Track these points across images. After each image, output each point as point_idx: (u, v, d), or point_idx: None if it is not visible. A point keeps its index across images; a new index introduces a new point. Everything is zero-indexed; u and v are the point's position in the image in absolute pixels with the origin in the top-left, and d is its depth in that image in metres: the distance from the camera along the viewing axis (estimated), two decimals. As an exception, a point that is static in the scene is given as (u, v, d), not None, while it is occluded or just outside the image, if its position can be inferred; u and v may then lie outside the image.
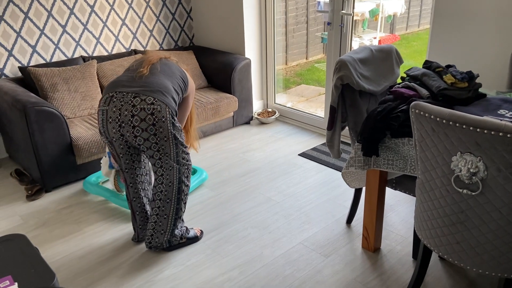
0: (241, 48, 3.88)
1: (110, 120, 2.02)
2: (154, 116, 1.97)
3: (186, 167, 2.16)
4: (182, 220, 2.26)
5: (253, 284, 2.04)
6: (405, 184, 2.09)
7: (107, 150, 2.72)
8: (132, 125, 1.97)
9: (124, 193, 2.68)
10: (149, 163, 2.27)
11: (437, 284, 1.99)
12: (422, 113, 1.47)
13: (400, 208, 2.60)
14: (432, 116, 1.43)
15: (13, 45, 3.29)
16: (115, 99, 2.00)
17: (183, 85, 2.22)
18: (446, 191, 1.50)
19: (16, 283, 1.10)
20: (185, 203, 2.21)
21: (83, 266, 2.18)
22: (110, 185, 2.80)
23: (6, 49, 3.26)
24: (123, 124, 1.99)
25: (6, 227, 2.53)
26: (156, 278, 2.09)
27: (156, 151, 2.05)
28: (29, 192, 2.83)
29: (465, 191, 1.44)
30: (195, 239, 2.33)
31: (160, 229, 2.19)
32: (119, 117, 1.99)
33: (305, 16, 5.80)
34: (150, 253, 2.26)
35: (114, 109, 2.00)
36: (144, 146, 2.03)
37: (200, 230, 2.40)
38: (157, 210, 2.16)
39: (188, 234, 2.31)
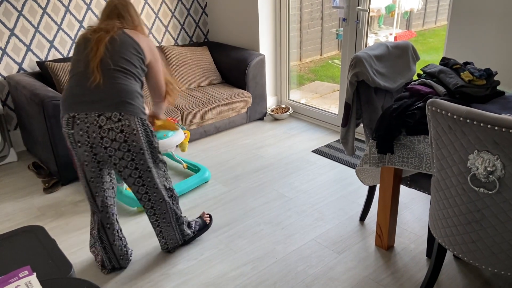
0: (256, 44, 3.88)
1: (79, 144, 1.86)
2: (124, 133, 1.84)
3: (164, 178, 2.07)
4: (185, 221, 2.24)
5: (266, 279, 2.05)
6: (420, 182, 2.07)
7: None
8: (103, 146, 1.85)
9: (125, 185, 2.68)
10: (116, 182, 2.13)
11: (451, 283, 1.98)
12: (438, 110, 1.45)
13: (414, 206, 2.58)
14: (449, 114, 1.42)
15: (31, 40, 3.34)
16: (78, 121, 1.82)
17: (141, 60, 1.97)
18: (462, 189, 1.48)
19: (35, 273, 1.13)
20: (178, 204, 2.17)
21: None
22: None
23: (24, 44, 3.32)
24: (94, 145, 1.85)
25: (24, 218, 2.58)
26: (170, 272, 2.11)
27: (134, 169, 1.93)
28: (46, 185, 2.88)
29: (481, 189, 1.43)
30: (206, 227, 2.36)
31: (169, 235, 2.19)
32: (88, 140, 1.84)
33: (320, 12, 5.77)
34: (164, 247, 2.29)
35: (80, 132, 1.83)
36: (120, 165, 1.90)
37: (208, 215, 2.41)
38: (157, 223, 2.13)
39: (198, 226, 2.33)
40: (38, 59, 3.42)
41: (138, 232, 2.42)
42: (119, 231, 2.11)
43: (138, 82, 1.96)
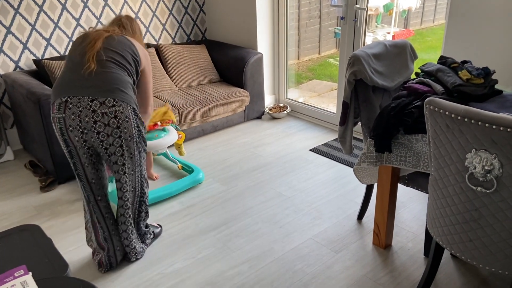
0: (254, 42, 3.87)
1: (71, 128, 1.86)
2: (117, 119, 1.85)
3: (144, 167, 2.07)
4: (146, 223, 2.23)
5: (263, 278, 2.04)
6: (417, 181, 2.07)
7: None
8: (96, 131, 1.85)
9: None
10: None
11: (449, 282, 1.98)
12: (436, 109, 1.45)
13: (412, 205, 2.58)
14: (447, 113, 1.42)
15: (28, 38, 3.33)
16: (71, 105, 1.83)
17: (136, 61, 2.04)
18: (460, 188, 1.48)
19: (30, 273, 1.12)
20: (147, 204, 2.15)
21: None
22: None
23: (21, 42, 3.30)
24: (85, 131, 1.85)
25: (20, 217, 2.57)
26: (167, 271, 2.11)
27: (120, 156, 1.93)
28: (43, 183, 2.87)
29: (479, 188, 1.43)
30: (159, 233, 2.36)
31: (135, 235, 2.13)
32: (80, 124, 1.84)
33: (318, 10, 5.76)
34: (161, 246, 2.28)
35: (72, 116, 1.83)
36: (109, 151, 1.91)
37: (159, 225, 2.41)
38: (124, 218, 2.06)
39: (156, 230, 2.33)
40: (34, 57, 3.40)
41: (135, 231, 2.42)
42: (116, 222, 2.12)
43: (131, 78, 1.99)
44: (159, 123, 2.82)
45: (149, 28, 3.95)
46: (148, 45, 3.82)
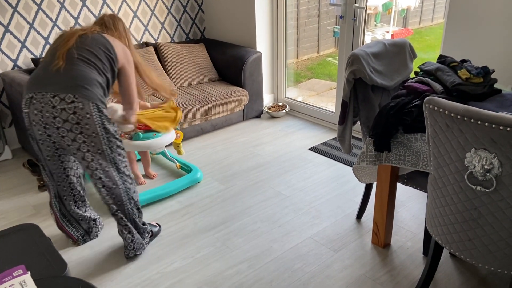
0: (253, 41, 3.86)
1: (34, 123, 1.93)
2: (77, 115, 1.86)
3: (124, 164, 2.06)
4: (142, 218, 2.22)
5: (262, 277, 2.04)
6: (416, 180, 2.07)
7: None
8: (56, 126, 1.89)
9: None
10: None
11: (448, 281, 1.98)
12: (436, 108, 1.45)
13: (411, 204, 2.58)
14: (446, 112, 1.41)
15: (26, 36, 3.31)
16: (35, 101, 1.88)
17: (111, 59, 2.05)
18: (459, 187, 1.48)
19: (29, 272, 1.11)
20: (136, 200, 2.14)
21: (95, 256, 2.21)
22: None
23: (19, 40, 3.29)
24: (47, 126, 1.91)
25: (18, 216, 2.56)
26: (166, 270, 2.10)
27: (86, 152, 1.93)
28: (41, 182, 2.86)
29: (478, 188, 1.42)
30: (158, 232, 2.35)
31: (134, 230, 2.13)
32: (42, 119, 1.90)
33: (317, 9, 5.75)
34: (160, 245, 2.28)
35: (35, 111, 1.89)
36: (73, 147, 1.93)
37: (158, 224, 2.40)
38: (119, 214, 2.07)
39: (154, 228, 2.32)
40: (33, 56, 3.39)
41: (134, 230, 2.41)
42: (79, 203, 2.22)
43: (102, 76, 2.01)
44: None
45: (147, 27, 3.94)
46: (147, 44, 3.81)
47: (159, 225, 2.39)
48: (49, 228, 2.45)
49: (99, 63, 2.00)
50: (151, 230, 2.29)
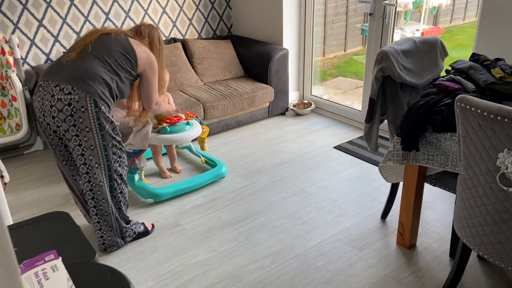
0: (279, 38, 3.86)
1: (36, 110, 1.99)
2: (71, 107, 1.88)
3: (118, 163, 2.05)
4: (126, 218, 2.22)
5: (284, 273, 2.04)
6: (445, 180, 2.03)
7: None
8: (51, 115, 1.92)
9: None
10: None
11: (475, 284, 1.93)
12: (468, 107, 1.41)
13: (438, 205, 2.53)
14: (478, 111, 1.38)
15: (59, 31, 3.41)
16: (40, 88, 1.94)
17: (129, 61, 2.05)
18: (490, 188, 1.44)
19: (60, 258, 1.15)
20: (124, 203, 2.16)
21: (120, 246, 2.25)
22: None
23: (52, 34, 3.39)
24: (45, 114, 1.94)
25: (49, 205, 2.65)
26: (190, 262, 2.13)
27: (77, 145, 1.95)
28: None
29: (510, 189, 1.38)
30: (145, 233, 2.31)
31: (107, 228, 2.13)
32: (42, 107, 1.94)
33: (345, 7, 5.69)
34: (184, 238, 2.31)
35: (38, 99, 1.95)
36: (66, 137, 1.95)
37: (152, 224, 2.38)
38: (95, 210, 2.08)
39: (139, 229, 2.29)
40: (65, 50, 3.48)
41: (159, 222, 2.45)
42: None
43: (112, 74, 2.00)
44: (183, 115, 2.83)
45: (176, 23, 3.99)
46: (175, 40, 3.85)
47: (152, 225, 2.36)
48: (78, 217, 2.52)
49: (113, 62, 2.00)
50: (134, 231, 2.26)
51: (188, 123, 2.78)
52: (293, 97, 4.10)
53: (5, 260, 0.48)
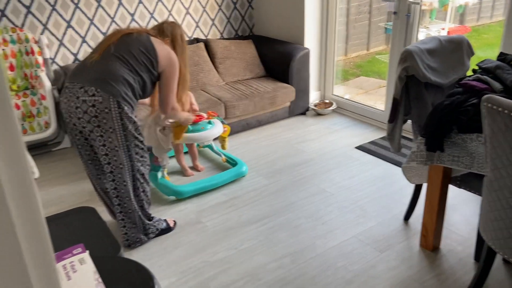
0: (301, 38, 3.85)
1: (63, 111, 2.03)
2: (95, 108, 1.92)
3: (140, 163, 2.08)
4: (148, 216, 2.24)
5: (305, 273, 2.04)
6: (470, 182, 1.99)
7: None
8: (77, 117, 1.97)
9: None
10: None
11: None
12: (495, 107, 1.38)
13: (463, 208, 2.48)
14: (506, 111, 1.35)
15: (86, 32, 3.49)
16: (67, 90, 1.99)
17: (149, 60, 2.05)
18: (518, 191, 1.41)
19: (87, 251, 1.19)
20: (146, 201, 2.19)
21: (144, 243, 2.30)
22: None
23: (80, 35, 3.47)
24: (71, 115, 1.99)
25: (75, 201, 2.72)
26: (211, 260, 2.16)
27: (101, 145, 1.99)
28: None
29: (539, 192, 1.35)
30: (167, 230, 2.34)
31: (131, 225, 2.17)
32: (68, 108, 1.98)
33: (368, 5, 5.63)
34: (205, 236, 2.34)
35: (65, 100, 1.99)
36: (91, 137, 2.00)
37: (174, 221, 2.40)
38: (119, 208, 2.12)
39: (162, 226, 2.31)
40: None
41: (181, 219, 2.49)
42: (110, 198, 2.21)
43: (134, 75, 2.02)
44: (204, 114, 2.85)
45: (199, 24, 4.03)
46: (197, 40, 3.89)
47: (174, 222, 2.40)
48: (103, 213, 2.58)
49: (135, 62, 2.02)
50: (157, 228, 2.30)
51: (209, 122, 2.81)
52: (314, 96, 4.09)
53: (43, 249, 0.50)
